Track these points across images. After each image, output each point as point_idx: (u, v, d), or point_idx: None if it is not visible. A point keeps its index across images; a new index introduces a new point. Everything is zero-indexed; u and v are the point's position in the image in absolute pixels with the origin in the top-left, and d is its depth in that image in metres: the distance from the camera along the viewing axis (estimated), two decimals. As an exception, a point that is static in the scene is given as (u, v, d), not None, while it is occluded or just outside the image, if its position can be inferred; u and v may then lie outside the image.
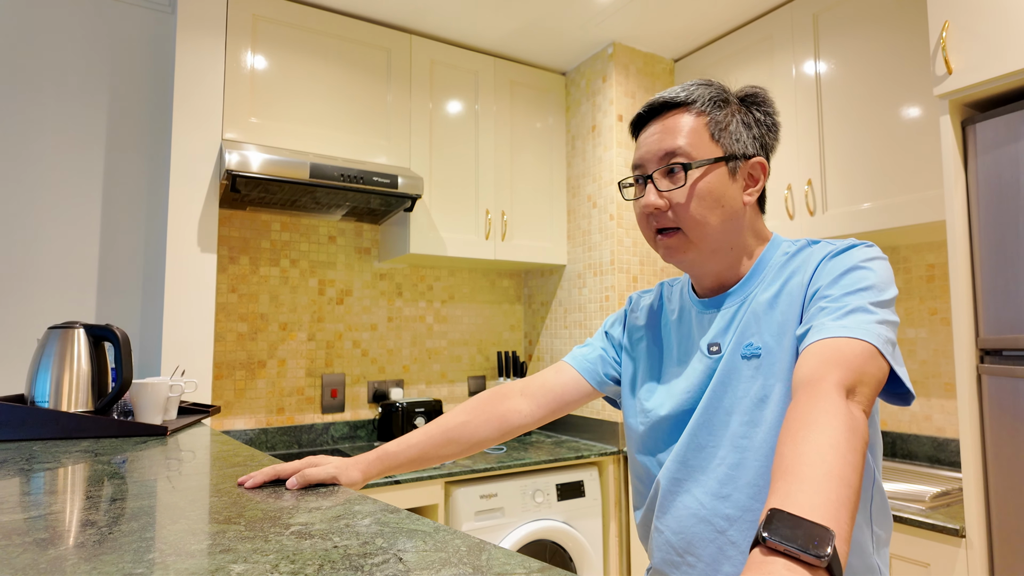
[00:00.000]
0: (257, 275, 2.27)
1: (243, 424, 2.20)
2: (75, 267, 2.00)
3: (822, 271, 0.77)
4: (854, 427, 0.57)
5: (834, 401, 0.59)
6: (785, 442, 0.57)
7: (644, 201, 0.84)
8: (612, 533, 2.23)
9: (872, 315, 0.69)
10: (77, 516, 0.66)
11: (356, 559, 0.53)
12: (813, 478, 0.51)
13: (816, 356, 0.66)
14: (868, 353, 0.66)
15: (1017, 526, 1.28)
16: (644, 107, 0.88)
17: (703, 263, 0.85)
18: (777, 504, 0.50)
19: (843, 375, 0.63)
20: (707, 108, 0.84)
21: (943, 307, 1.92)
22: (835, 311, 0.71)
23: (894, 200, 1.74)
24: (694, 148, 0.82)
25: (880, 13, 1.81)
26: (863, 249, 0.77)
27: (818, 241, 0.84)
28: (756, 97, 0.86)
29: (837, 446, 0.54)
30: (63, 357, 1.30)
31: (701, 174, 0.82)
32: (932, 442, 1.90)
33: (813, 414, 0.58)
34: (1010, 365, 1.32)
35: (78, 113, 2.03)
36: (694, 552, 0.81)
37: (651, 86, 2.49)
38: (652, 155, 0.84)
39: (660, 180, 0.84)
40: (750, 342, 0.80)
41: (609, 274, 2.35)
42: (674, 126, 0.84)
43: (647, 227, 0.87)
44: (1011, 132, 1.34)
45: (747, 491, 0.77)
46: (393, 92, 2.25)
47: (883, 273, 0.74)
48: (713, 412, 0.81)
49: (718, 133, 0.83)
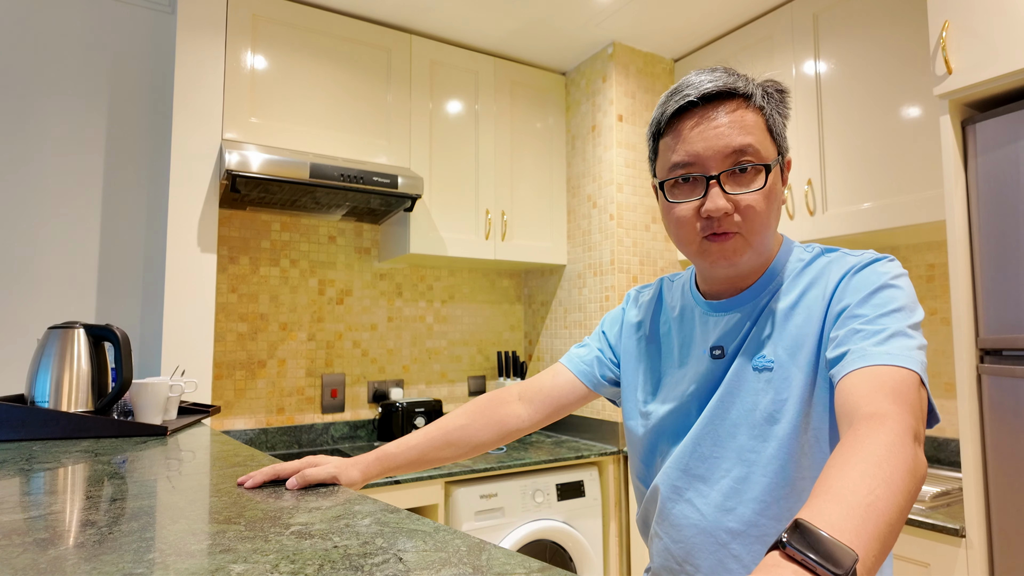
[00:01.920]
0: (257, 275, 2.27)
1: (243, 424, 2.20)
2: (75, 267, 2.00)
3: (847, 287, 0.74)
4: (915, 471, 0.54)
5: (901, 440, 0.56)
6: (834, 464, 0.54)
7: (711, 206, 0.74)
8: (612, 533, 2.23)
9: (912, 340, 0.67)
10: (77, 516, 0.66)
11: (356, 559, 0.53)
12: (853, 504, 0.49)
13: (866, 385, 0.63)
14: (915, 383, 0.63)
15: (1017, 526, 1.28)
16: (695, 92, 0.77)
17: (745, 268, 0.80)
18: (807, 517, 0.48)
19: (910, 416, 0.59)
20: (763, 103, 0.78)
21: (943, 307, 1.92)
22: (874, 335, 0.68)
23: (894, 200, 1.74)
24: (763, 146, 0.76)
25: (880, 13, 1.81)
26: (888, 264, 0.75)
27: (834, 249, 0.81)
28: (786, 93, 0.81)
29: (890, 483, 0.51)
30: (63, 357, 1.30)
31: (773, 175, 0.77)
32: (932, 442, 1.90)
33: (873, 447, 0.54)
34: (1010, 365, 1.32)
35: (78, 113, 2.03)
36: (693, 562, 0.80)
37: (651, 86, 2.49)
38: (718, 151, 0.75)
39: (726, 181, 0.75)
40: (763, 354, 0.78)
41: (609, 274, 2.35)
42: (742, 120, 0.75)
43: (691, 231, 0.78)
44: (1011, 132, 1.34)
45: (753, 506, 0.76)
46: (393, 92, 2.25)
47: (910, 292, 0.72)
48: (720, 422, 0.80)
49: (773, 129, 0.78)
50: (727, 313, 0.84)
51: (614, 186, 2.36)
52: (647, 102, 2.47)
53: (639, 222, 2.40)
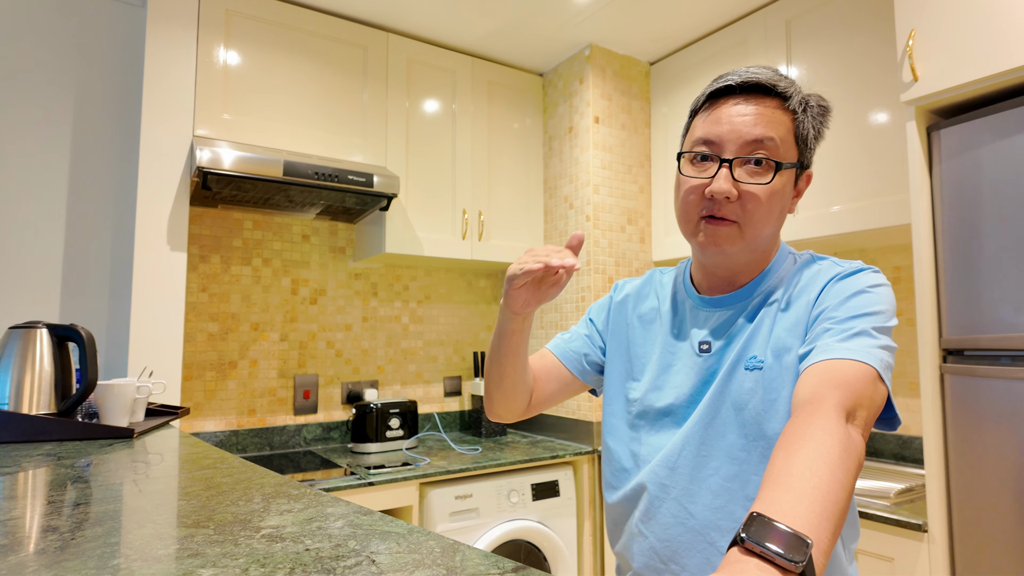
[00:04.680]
0: (228, 274, 2.23)
1: (213, 426, 2.16)
2: (38, 265, 1.94)
3: (829, 292, 0.77)
4: (849, 447, 0.57)
5: (832, 420, 0.59)
6: (778, 454, 0.57)
7: (716, 187, 0.77)
8: (587, 532, 2.24)
9: (875, 340, 0.69)
10: (38, 521, 0.64)
11: (328, 562, 0.52)
12: (799, 489, 0.52)
13: (818, 376, 0.66)
14: (869, 376, 0.66)
15: (977, 520, 1.32)
16: (737, 79, 0.79)
17: (737, 261, 0.82)
18: (760, 509, 0.51)
19: (844, 397, 0.63)
20: (797, 108, 0.79)
21: (908, 308, 1.97)
22: (839, 333, 0.71)
23: (862, 204, 1.79)
24: (783, 147, 0.78)
25: (850, 20, 1.86)
26: (870, 274, 0.77)
27: (825, 258, 0.83)
28: (828, 113, 0.83)
29: (829, 462, 0.55)
30: (24, 358, 1.26)
31: (782, 177, 0.78)
32: (897, 440, 1.95)
33: (810, 430, 0.58)
34: (971, 365, 1.36)
35: (44, 107, 1.97)
36: (678, 561, 0.80)
37: (627, 89, 2.51)
38: (738, 137, 0.77)
39: (737, 168, 0.77)
40: (754, 354, 0.79)
41: (585, 275, 2.37)
42: (769, 116, 0.78)
43: (694, 208, 0.80)
44: (973, 139, 1.38)
45: (744, 504, 0.76)
46: (369, 90, 2.23)
47: (888, 300, 0.74)
48: (710, 421, 0.80)
49: (801, 137, 0.80)
50: (719, 309, 0.85)
51: (590, 187, 2.38)
52: (623, 104, 2.49)
53: (615, 223, 2.42)
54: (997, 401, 1.31)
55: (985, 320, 1.33)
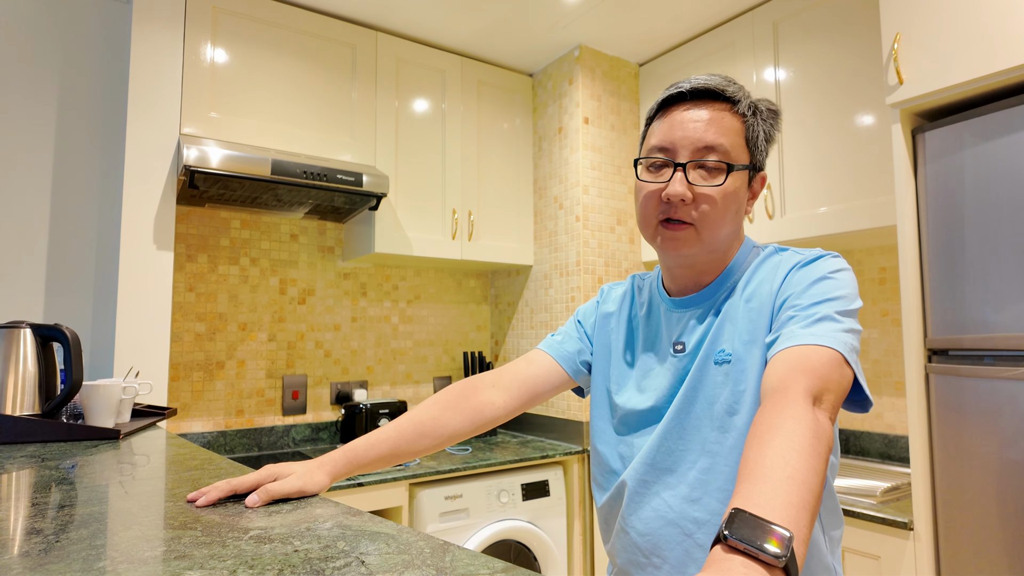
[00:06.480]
0: (216, 274, 2.21)
1: (201, 427, 2.14)
2: (22, 264, 1.92)
3: (791, 280, 0.79)
4: (818, 432, 0.58)
5: (800, 407, 0.60)
6: (751, 445, 0.58)
7: (671, 190, 0.79)
8: (576, 532, 2.25)
9: (839, 324, 0.71)
10: (22, 524, 0.63)
11: (317, 563, 0.52)
12: (775, 480, 0.52)
13: (784, 363, 0.68)
14: (835, 361, 0.68)
15: (961, 518, 1.34)
16: (687, 86, 0.83)
17: (697, 261, 0.85)
18: (739, 504, 0.51)
19: (811, 382, 0.64)
20: (747, 112, 0.83)
21: (894, 308, 1.99)
22: (804, 319, 0.73)
23: (849, 205, 1.80)
24: (734, 150, 0.81)
25: (837, 23, 1.87)
26: (830, 260, 0.79)
27: (786, 249, 0.85)
28: (778, 116, 0.87)
29: (801, 450, 0.56)
30: (8, 358, 1.24)
31: (735, 178, 0.81)
32: (883, 439, 1.97)
33: (779, 419, 0.59)
34: (956, 364, 1.37)
35: (27, 104, 1.95)
36: (660, 554, 0.82)
37: (616, 90, 2.52)
38: (690, 143, 0.80)
39: (691, 172, 0.80)
40: (722, 348, 0.81)
41: (575, 275, 2.37)
42: (720, 121, 0.81)
43: (652, 212, 0.83)
44: (957, 141, 1.40)
45: (718, 495, 0.78)
46: (358, 89, 2.22)
47: (849, 284, 0.76)
48: (684, 416, 0.82)
49: (751, 140, 0.83)
50: (688, 309, 0.87)
51: (580, 188, 2.38)
52: (612, 105, 2.50)
53: (604, 224, 2.43)
54: (980, 400, 1.32)
55: (968, 320, 1.35)
